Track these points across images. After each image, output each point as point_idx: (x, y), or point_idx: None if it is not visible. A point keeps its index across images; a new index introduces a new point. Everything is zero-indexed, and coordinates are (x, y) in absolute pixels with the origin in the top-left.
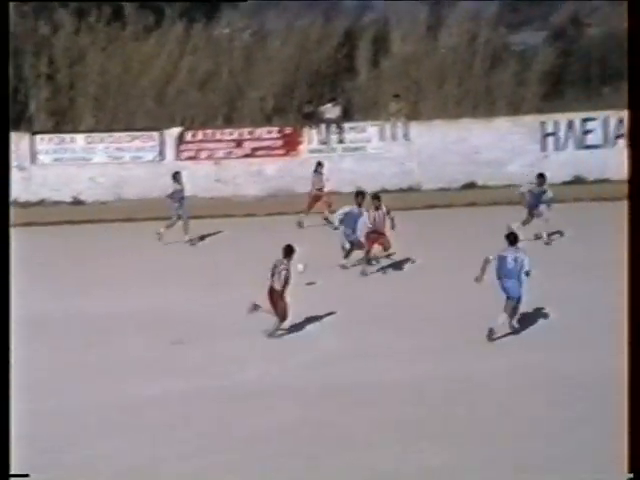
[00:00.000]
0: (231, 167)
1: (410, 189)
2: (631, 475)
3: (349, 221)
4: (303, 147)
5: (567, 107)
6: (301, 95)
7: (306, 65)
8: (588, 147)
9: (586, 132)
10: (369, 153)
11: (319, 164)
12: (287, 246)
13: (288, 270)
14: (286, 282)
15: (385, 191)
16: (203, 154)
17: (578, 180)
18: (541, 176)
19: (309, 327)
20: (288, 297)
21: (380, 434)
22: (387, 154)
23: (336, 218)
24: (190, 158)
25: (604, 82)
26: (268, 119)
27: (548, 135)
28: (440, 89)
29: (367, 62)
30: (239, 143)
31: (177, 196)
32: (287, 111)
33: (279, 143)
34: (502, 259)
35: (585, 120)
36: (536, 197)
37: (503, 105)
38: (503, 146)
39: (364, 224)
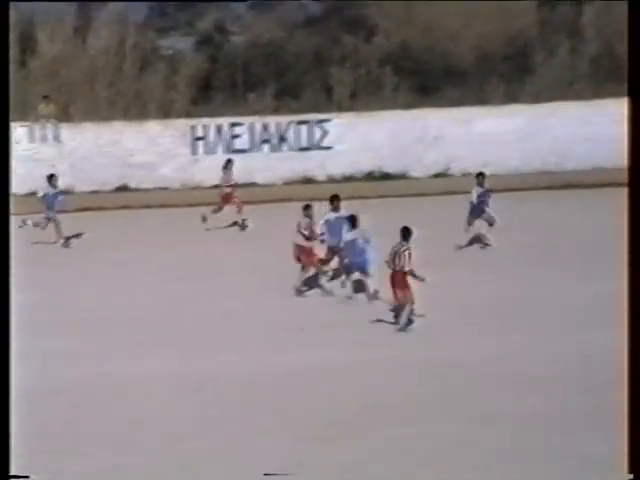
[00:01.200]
0: None
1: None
2: (631, 475)
3: (334, 230)
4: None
5: (215, 112)
6: None
7: None
8: (236, 151)
9: (234, 137)
10: (19, 155)
11: (229, 161)
12: (405, 228)
13: (410, 250)
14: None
15: (33, 194)
16: None
17: None
18: (482, 175)
19: None
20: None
21: None
22: (37, 156)
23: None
24: None
25: (249, 88)
26: None
27: (198, 139)
28: (91, 91)
29: (14, 62)
30: None
31: None
32: None
33: None
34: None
35: (233, 125)
36: (480, 198)
37: (154, 108)
38: (155, 149)
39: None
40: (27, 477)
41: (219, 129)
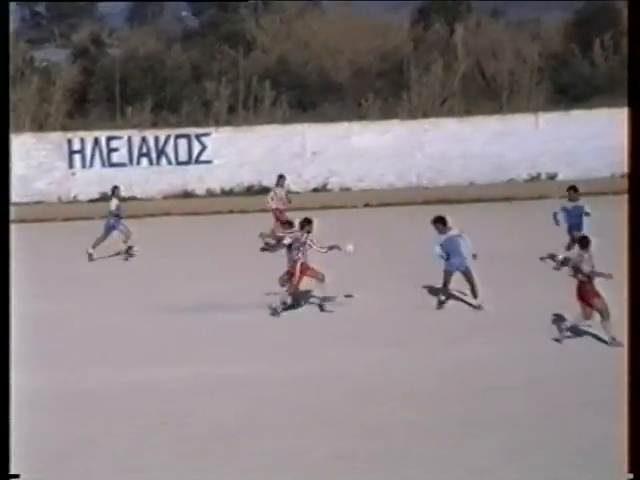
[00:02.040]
0: None
1: None
2: (631, 475)
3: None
4: None
5: (92, 125)
6: None
7: None
8: (114, 165)
9: (112, 150)
10: None
11: (281, 177)
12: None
13: None
14: None
15: None
16: None
17: (104, 198)
18: (574, 189)
19: None
20: None
21: None
22: None
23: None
24: None
25: (126, 102)
26: None
27: (75, 152)
28: None
29: None
30: None
31: None
32: None
33: None
34: None
35: (110, 138)
36: (573, 214)
37: (28, 121)
38: (29, 162)
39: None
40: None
41: (96, 142)
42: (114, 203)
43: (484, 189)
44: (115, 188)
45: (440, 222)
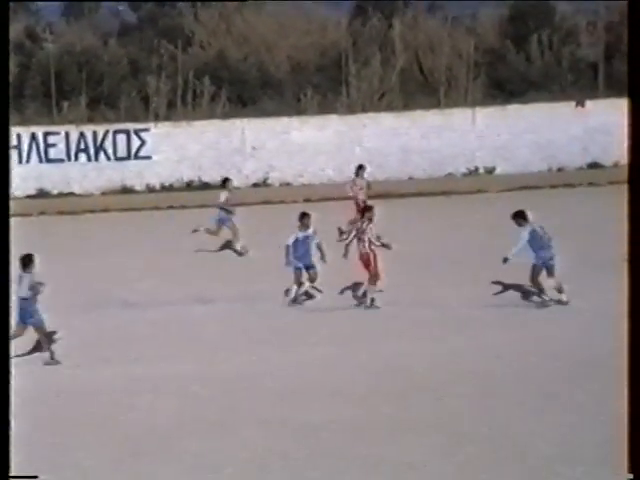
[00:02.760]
0: None
1: None
2: (631, 475)
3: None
4: None
5: (29, 120)
6: None
7: None
8: (51, 161)
9: (49, 146)
10: None
11: (360, 167)
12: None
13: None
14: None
15: None
16: None
17: (41, 194)
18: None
19: None
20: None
21: None
22: None
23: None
24: None
25: (63, 97)
26: None
27: (11, 148)
28: None
29: None
30: None
31: None
32: None
33: None
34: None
35: (47, 134)
36: None
37: None
38: None
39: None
40: (27, 477)
41: (33, 138)
42: (223, 196)
43: (423, 183)
44: (226, 180)
45: (521, 217)
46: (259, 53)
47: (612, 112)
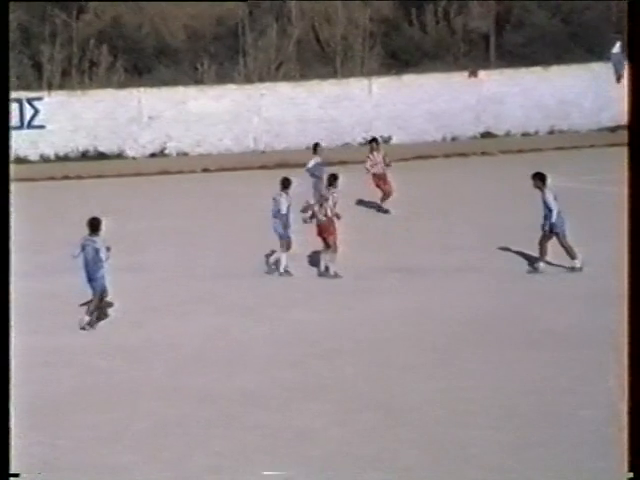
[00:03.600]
0: None
1: None
2: (631, 475)
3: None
4: None
5: None
6: None
7: None
8: None
9: None
10: None
11: (373, 140)
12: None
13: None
14: None
15: None
16: None
17: None
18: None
19: None
20: None
21: None
22: None
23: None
24: None
25: None
26: None
27: None
28: None
29: None
30: None
31: None
32: None
33: None
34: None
35: None
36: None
37: None
38: None
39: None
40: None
41: None
42: (312, 161)
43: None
44: (316, 145)
45: (540, 179)
46: (154, 22)
47: (503, 82)
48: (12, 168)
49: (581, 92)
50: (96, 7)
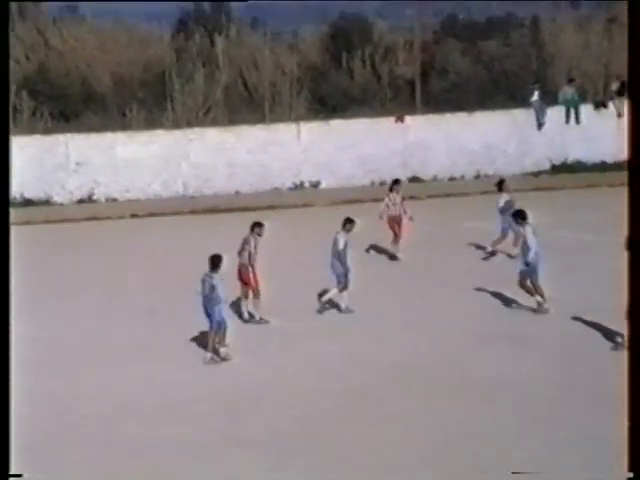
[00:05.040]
0: None
1: None
2: (631, 475)
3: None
4: None
5: None
6: None
7: None
8: None
9: None
10: None
11: (396, 182)
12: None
13: None
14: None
15: None
16: None
17: None
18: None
19: None
20: None
21: None
22: None
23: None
24: None
25: None
26: None
27: None
28: None
29: None
30: None
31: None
32: None
33: None
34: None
35: None
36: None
37: None
38: None
39: None
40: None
41: None
42: (503, 200)
43: (250, 198)
44: (502, 181)
45: (520, 216)
46: (80, 68)
47: (429, 127)
48: None
49: (504, 137)
50: (20, 54)
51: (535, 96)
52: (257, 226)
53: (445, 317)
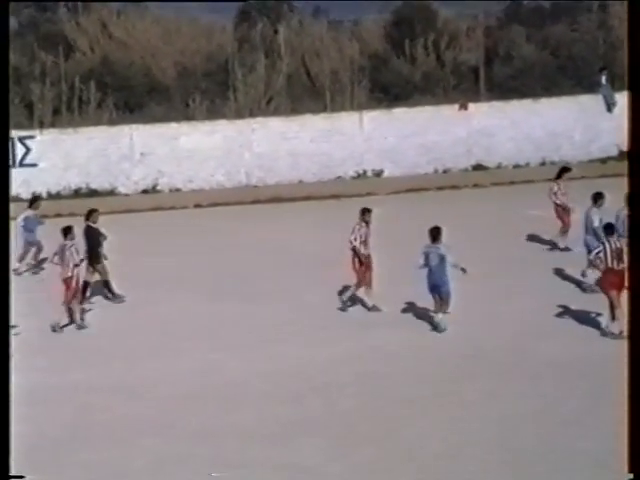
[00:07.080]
0: None
1: None
2: (631, 475)
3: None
4: None
5: None
6: None
7: None
8: None
9: None
10: None
11: (565, 169)
12: None
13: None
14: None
15: None
16: None
17: None
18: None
19: None
20: None
21: None
22: None
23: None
24: None
25: None
26: None
27: None
28: None
29: None
30: None
31: None
32: None
33: None
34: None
35: None
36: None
37: None
38: None
39: None
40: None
41: None
42: (597, 215)
43: (313, 187)
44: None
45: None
46: (144, 59)
47: (493, 115)
48: None
49: (571, 124)
50: (84, 46)
51: (603, 81)
52: (366, 212)
53: (509, 305)
